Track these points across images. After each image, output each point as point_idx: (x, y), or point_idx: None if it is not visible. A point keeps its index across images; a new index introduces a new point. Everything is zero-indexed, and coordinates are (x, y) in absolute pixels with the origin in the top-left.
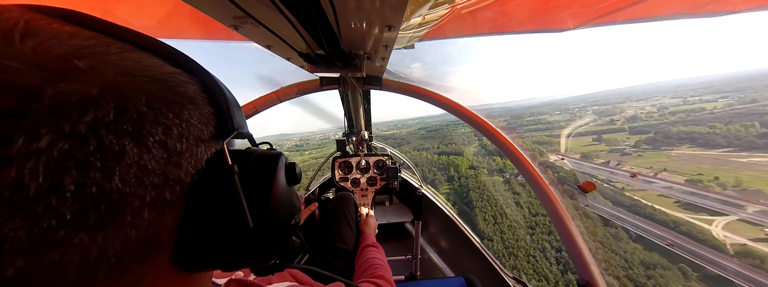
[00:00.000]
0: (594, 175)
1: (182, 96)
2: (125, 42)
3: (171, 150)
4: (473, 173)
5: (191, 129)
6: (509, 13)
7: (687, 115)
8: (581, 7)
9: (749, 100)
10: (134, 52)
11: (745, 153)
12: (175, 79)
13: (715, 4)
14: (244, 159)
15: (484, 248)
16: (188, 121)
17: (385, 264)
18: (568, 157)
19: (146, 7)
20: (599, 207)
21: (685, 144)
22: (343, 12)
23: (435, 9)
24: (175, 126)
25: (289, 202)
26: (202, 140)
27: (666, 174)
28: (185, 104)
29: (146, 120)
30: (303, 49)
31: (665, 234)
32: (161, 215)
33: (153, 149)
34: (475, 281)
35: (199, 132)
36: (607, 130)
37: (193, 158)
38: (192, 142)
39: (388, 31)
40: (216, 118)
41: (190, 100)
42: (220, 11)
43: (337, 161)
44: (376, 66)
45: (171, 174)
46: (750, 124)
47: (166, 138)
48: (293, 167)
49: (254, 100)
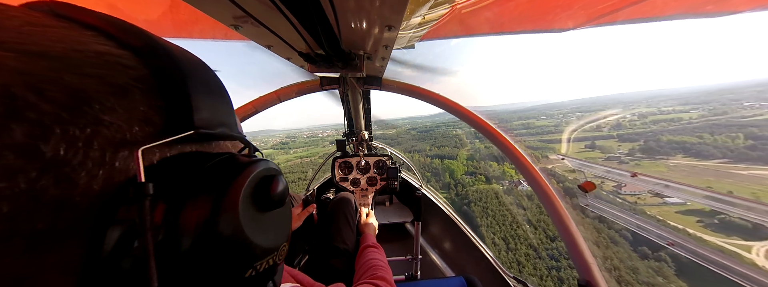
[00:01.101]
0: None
1: (94, 82)
2: (57, 16)
3: (46, 159)
4: (471, 180)
5: (101, 128)
6: (509, 14)
7: (668, 124)
8: (581, 7)
9: (720, 112)
10: (48, 26)
11: (742, 165)
12: (96, 60)
13: (714, 5)
14: (189, 172)
15: (484, 248)
16: (96, 118)
17: (386, 265)
18: (569, 158)
19: (146, 7)
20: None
21: (679, 154)
22: (343, 12)
23: (435, 9)
24: (61, 123)
25: (246, 242)
26: (126, 144)
27: (676, 186)
28: (96, 93)
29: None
30: (303, 49)
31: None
32: (30, 255)
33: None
34: (476, 281)
35: (120, 133)
36: (597, 137)
37: (101, 170)
38: (99, 147)
39: (388, 31)
40: (164, 113)
41: (113, 88)
42: (220, 11)
43: (337, 161)
44: (376, 66)
45: (45, 195)
46: (735, 135)
47: (34, 142)
48: (269, 183)
49: (254, 99)
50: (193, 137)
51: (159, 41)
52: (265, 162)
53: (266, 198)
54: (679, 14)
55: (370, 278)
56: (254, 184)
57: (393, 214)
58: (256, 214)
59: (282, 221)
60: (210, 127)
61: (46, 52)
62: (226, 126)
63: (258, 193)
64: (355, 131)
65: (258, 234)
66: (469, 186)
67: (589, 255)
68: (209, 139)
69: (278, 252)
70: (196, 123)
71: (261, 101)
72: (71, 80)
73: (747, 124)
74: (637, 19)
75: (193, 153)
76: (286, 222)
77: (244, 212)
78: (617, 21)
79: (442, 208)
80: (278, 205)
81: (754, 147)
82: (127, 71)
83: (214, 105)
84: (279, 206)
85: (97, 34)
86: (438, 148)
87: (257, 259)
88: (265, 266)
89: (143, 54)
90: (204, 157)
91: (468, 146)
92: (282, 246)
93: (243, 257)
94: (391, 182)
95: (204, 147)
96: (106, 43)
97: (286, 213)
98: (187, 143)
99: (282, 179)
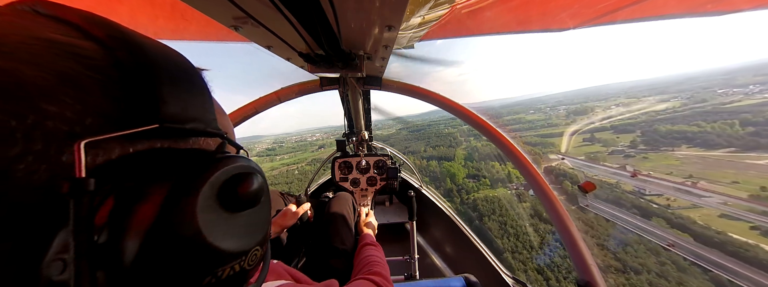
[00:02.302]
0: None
1: (38, 70)
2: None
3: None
4: (474, 184)
5: (43, 120)
6: (509, 14)
7: (656, 114)
8: (581, 7)
9: (700, 99)
10: (22, 20)
11: (753, 154)
12: (46, 48)
13: (714, 4)
14: (149, 167)
15: (483, 248)
16: (37, 107)
17: (383, 262)
18: (569, 158)
19: (146, 8)
20: (657, 233)
21: (683, 144)
22: (343, 12)
23: (435, 9)
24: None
25: (203, 245)
26: (74, 137)
27: (704, 183)
28: (38, 82)
29: None
30: (303, 49)
31: None
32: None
33: None
34: (475, 281)
35: (67, 125)
36: (594, 129)
37: (43, 164)
38: (41, 139)
39: (388, 31)
40: (122, 105)
41: (59, 76)
42: (220, 12)
43: (337, 161)
44: (376, 66)
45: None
46: (731, 122)
47: None
48: (239, 181)
49: (254, 100)
50: (159, 131)
51: (131, 34)
52: (242, 159)
53: (234, 197)
54: (678, 14)
55: (367, 274)
56: (221, 182)
57: (393, 214)
58: (222, 215)
59: (254, 223)
60: (179, 121)
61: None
62: (200, 121)
63: (224, 192)
64: (355, 131)
65: (220, 237)
66: (474, 192)
67: (588, 256)
68: (180, 135)
69: (247, 256)
70: (162, 115)
71: (261, 101)
72: (11, 68)
73: (733, 110)
74: (637, 19)
75: (163, 149)
76: (260, 224)
77: (203, 212)
78: (617, 20)
79: (442, 208)
80: (249, 206)
81: (758, 134)
82: (83, 61)
83: (185, 99)
84: (250, 206)
85: (63, 27)
86: (433, 149)
87: (219, 265)
88: (228, 272)
89: (108, 45)
90: (172, 154)
91: (464, 145)
92: (252, 250)
93: (200, 262)
94: (391, 182)
95: (177, 144)
96: (70, 33)
97: (261, 215)
98: (156, 139)
99: (257, 178)
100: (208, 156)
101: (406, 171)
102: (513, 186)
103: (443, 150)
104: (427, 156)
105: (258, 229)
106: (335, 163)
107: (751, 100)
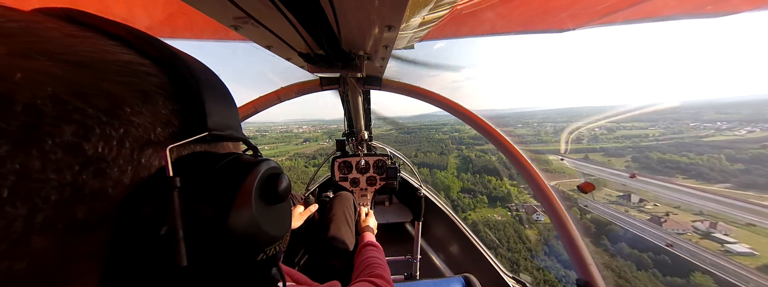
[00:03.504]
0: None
1: (125, 88)
2: (79, 24)
3: (88, 156)
4: (470, 201)
5: (131, 129)
6: (510, 14)
7: (640, 140)
8: (581, 8)
9: (677, 130)
10: (82, 36)
11: (752, 193)
12: (125, 68)
13: (715, 5)
14: (206, 169)
15: (483, 248)
16: (128, 120)
17: (384, 264)
18: (568, 158)
19: (146, 7)
20: None
21: (678, 174)
22: (343, 12)
23: (435, 10)
24: (100, 125)
25: (258, 230)
26: (150, 144)
27: (722, 224)
28: (127, 98)
29: (45, 116)
30: (303, 49)
31: None
32: (68, 240)
33: (51, 154)
34: (475, 281)
35: (146, 133)
36: (584, 149)
37: (130, 166)
38: (129, 145)
39: (388, 31)
40: (181, 116)
41: (140, 93)
42: (220, 11)
43: (336, 161)
44: (376, 66)
45: (86, 187)
46: (717, 156)
47: (79, 140)
48: (275, 180)
49: (254, 99)
50: (205, 138)
51: (174, 51)
52: (269, 161)
53: (273, 193)
54: (678, 15)
55: (368, 276)
56: (263, 181)
57: (392, 214)
58: (265, 207)
59: (285, 214)
60: (220, 130)
61: (85, 62)
62: (232, 128)
63: (266, 189)
64: (355, 131)
65: (267, 224)
66: (470, 209)
67: (588, 255)
68: (219, 140)
69: (282, 240)
70: (209, 126)
71: (261, 101)
72: (108, 87)
73: (712, 144)
74: (637, 20)
75: (204, 152)
76: (288, 215)
77: (255, 204)
78: (617, 22)
79: (442, 208)
80: (282, 200)
81: (748, 171)
82: (150, 78)
83: (223, 109)
84: (282, 200)
85: (120, 44)
86: (424, 154)
87: (267, 245)
88: (272, 251)
89: (162, 63)
90: (214, 156)
91: (455, 153)
92: (285, 235)
93: (256, 242)
94: (391, 182)
95: (212, 148)
96: (129, 52)
97: (288, 208)
98: (198, 143)
99: (285, 177)
100: (249, 160)
101: (406, 171)
102: (512, 206)
103: (435, 158)
104: (419, 162)
105: (287, 219)
106: (335, 163)
107: (723, 135)
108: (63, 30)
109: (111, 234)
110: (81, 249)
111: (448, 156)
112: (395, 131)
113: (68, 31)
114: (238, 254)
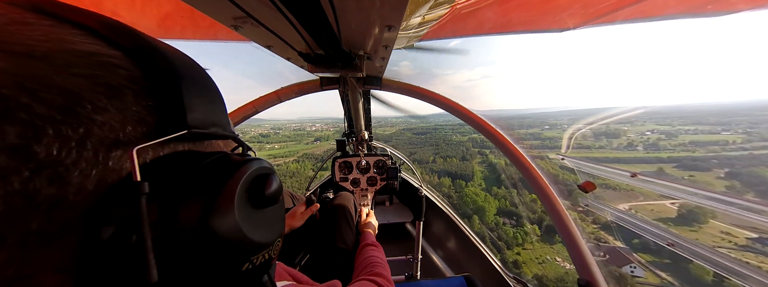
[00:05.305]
0: None
1: (86, 82)
2: (41, 13)
3: (39, 160)
4: (514, 232)
5: (94, 128)
6: (509, 14)
7: (721, 148)
8: (581, 7)
9: (766, 136)
10: (37, 24)
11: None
12: (87, 60)
13: (715, 4)
14: (186, 170)
15: (484, 248)
16: (89, 118)
17: (384, 263)
18: (569, 158)
19: (146, 7)
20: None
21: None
22: (343, 12)
23: (435, 9)
24: (54, 124)
25: (242, 237)
26: (118, 144)
27: None
28: (88, 94)
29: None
30: (303, 49)
31: None
32: (24, 253)
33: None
34: (476, 281)
35: (113, 132)
36: (648, 159)
37: (94, 169)
38: (92, 146)
39: (388, 31)
40: (156, 113)
41: (105, 88)
42: (220, 11)
43: (337, 161)
44: (376, 66)
45: (38, 195)
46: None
47: (27, 143)
48: (263, 181)
49: (254, 99)
50: (186, 136)
51: (150, 41)
52: (259, 161)
53: (260, 196)
54: (679, 14)
55: (368, 275)
56: (249, 183)
57: (393, 214)
58: (251, 211)
59: (276, 218)
60: (203, 127)
61: (34, 52)
62: (218, 125)
63: (252, 191)
64: (355, 131)
65: (253, 230)
66: (516, 244)
67: (589, 255)
68: (202, 138)
69: (272, 247)
70: (189, 122)
71: (261, 101)
72: (62, 81)
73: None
74: (637, 19)
75: (186, 152)
76: (279, 219)
77: (239, 209)
78: (617, 21)
79: (442, 208)
80: (272, 203)
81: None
82: (118, 71)
83: (206, 105)
84: (272, 204)
85: (85, 33)
86: (444, 160)
87: (253, 254)
88: (260, 260)
89: (135, 54)
90: (197, 156)
91: (478, 158)
92: (276, 241)
93: (240, 251)
94: (391, 182)
95: (197, 146)
96: (96, 42)
97: (280, 211)
98: (180, 142)
99: (275, 178)
100: (234, 159)
101: (407, 171)
102: None
103: (457, 164)
104: (439, 169)
105: (278, 223)
106: (336, 163)
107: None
108: (12, 17)
109: (78, 243)
110: (43, 261)
111: (471, 162)
112: (408, 132)
113: (20, 19)
114: (220, 264)
